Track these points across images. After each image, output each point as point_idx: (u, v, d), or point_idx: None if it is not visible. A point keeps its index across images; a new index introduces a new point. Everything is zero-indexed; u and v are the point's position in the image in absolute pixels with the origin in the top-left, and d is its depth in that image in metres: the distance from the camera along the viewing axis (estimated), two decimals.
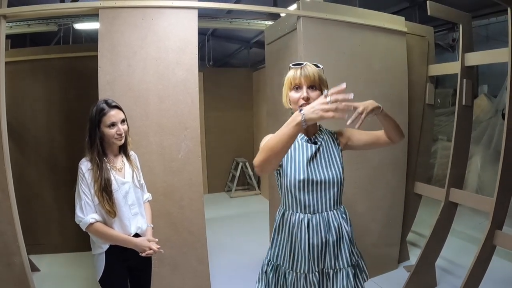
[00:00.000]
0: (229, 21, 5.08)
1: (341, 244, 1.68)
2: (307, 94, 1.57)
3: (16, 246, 2.42)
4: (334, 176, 1.64)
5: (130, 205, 2.02)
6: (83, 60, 3.94)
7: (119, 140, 1.97)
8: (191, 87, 2.75)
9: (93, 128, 1.91)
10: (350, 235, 1.71)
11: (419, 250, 3.68)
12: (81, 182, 1.89)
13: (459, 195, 3.08)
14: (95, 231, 1.90)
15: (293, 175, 1.65)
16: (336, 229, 1.66)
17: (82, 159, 1.94)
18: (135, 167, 2.12)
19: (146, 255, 1.99)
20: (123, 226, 1.97)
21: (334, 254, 1.66)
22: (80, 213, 1.88)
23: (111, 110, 1.92)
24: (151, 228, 2.18)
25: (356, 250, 1.76)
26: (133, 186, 2.06)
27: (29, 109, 4.04)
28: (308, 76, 1.57)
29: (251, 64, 8.41)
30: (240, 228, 5.23)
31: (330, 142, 1.72)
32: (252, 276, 3.65)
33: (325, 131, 1.77)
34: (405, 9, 5.44)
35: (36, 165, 4.12)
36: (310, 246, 1.66)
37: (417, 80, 3.64)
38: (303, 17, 2.94)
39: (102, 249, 1.96)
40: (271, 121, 3.83)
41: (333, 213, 1.67)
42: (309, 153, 1.66)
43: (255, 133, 7.36)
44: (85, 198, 1.88)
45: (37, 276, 3.50)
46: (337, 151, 1.71)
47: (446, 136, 5.74)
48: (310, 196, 1.65)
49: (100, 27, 2.60)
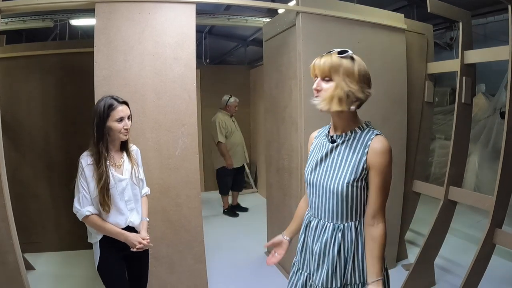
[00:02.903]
0: (227, 18, 5.06)
1: (324, 261, 1.51)
2: (317, 85, 1.44)
3: (10, 244, 2.37)
4: (335, 185, 1.46)
5: (126, 201, 2.09)
6: (79, 56, 3.88)
7: (124, 135, 2.04)
8: (188, 83, 2.71)
9: (102, 122, 1.96)
10: (340, 258, 1.49)
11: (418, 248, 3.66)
12: (80, 176, 1.97)
13: (459, 193, 3.07)
14: (90, 222, 2.01)
15: (305, 172, 1.61)
16: (323, 243, 1.52)
17: (83, 153, 2.01)
18: (135, 164, 2.17)
19: (137, 250, 2.06)
20: (117, 220, 2.05)
21: (315, 266, 1.55)
22: (77, 204, 1.97)
23: (120, 105, 2.00)
24: (146, 222, 2.24)
25: (357, 281, 1.50)
26: (131, 183, 2.11)
27: (24, 105, 3.97)
28: (319, 66, 1.43)
29: (248, 62, 8.38)
30: (237, 226, 5.21)
31: (356, 145, 1.46)
32: (249, 274, 3.68)
33: (363, 132, 1.48)
34: (403, 7, 5.43)
35: (31, 162, 4.06)
36: (304, 244, 1.65)
37: (416, 78, 3.62)
38: (302, 13, 2.91)
39: (97, 238, 2.06)
40: (269, 118, 3.81)
41: (331, 225, 1.51)
42: (323, 152, 1.55)
43: (252, 131, 7.34)
44: (83, 191, 1.96)
45: (32, 275, 3.45)
46: (356, 160, 1.44)
47: (443, 135, 5.74)
48: (313, 198, 1.58)
49: (97, 22, 2.55)
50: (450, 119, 5.59)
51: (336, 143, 1.50)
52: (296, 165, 3.14)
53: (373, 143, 1.42)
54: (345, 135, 1.49)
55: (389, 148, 1.42)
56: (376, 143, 1.42)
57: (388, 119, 3.30)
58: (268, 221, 4.09)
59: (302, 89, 2.88)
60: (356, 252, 1.49)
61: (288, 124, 3.31)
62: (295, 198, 3.17)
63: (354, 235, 1.49)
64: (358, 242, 1.49)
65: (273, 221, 3.93)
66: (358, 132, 1.48)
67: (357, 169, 1.43)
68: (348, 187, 1.43)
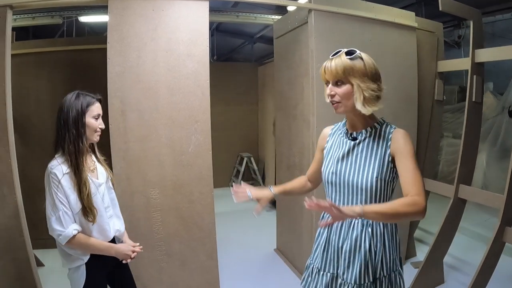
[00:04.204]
0: (236, 15, 5.05)
1: (356, 258, 1.50)
2: (331, 90, 1.44)
3: (21, 241, 2.39)
4: (364, 181, 1.45)
5: (105, 207, 1.85)
6: (89, 53, 3.90)
7: (98, 135, 1.82)
8: (202, 80, 2.71)
9: (80, 118, 1.71)
10: (371, 253, 1.49)
11: (426, 246, 3.68)
12: (56, 191, 1.65)
13: (469, 191, 3.06)
14: (77, 243, 1.68)
15: (324, 170, 1.60)
16: (353, 240, 1.51)
17: (52, 162, 1.70)
18: (105, 166, 1.96)
19: (130, 260, 1.89)
20: (102, 231, 1.80)
21: (346, 264, 1.53)
22: (57, 226, 1.65)
23: (96, 102, 1.79)
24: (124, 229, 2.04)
25: (384, 273, 1.51)
26: (107, 187, 1.91)
27: (33, 102, 3.99)
28: (330, 71, 1.42)
29: (255, 59, 8.37)
30: (246, 223, 5.20)
31: (379, 141, 1.47)
32: (259, 270, 3.68)
33: (382, 127, 1.50)
34: (411, 5, 5.41)
35: (40, 159, 4.03)
36: (328, 244, 1.62)
37: (426, 76, 3.62)
38: (314, 10, 2.90)
39: (83, 260, 1.75)
40: (280, 115, 3.81)
41: (360, 222, 1.50)
42: (344, 149, 1.54)
43: (260, 128, 7.35)
44: (62, 208, 1.65)
45: (41, 271, 3.45)
46: (381, 154, 1.45)
47: (451, 133, 5.73)
48: (336, 196, 1.57)
49: (110, 18, 2.56)
50: (458, 117, 5.60)
51: (358, 140, 1.51)
52: (307, 163, 3.14)
53: (394, 135, 1.45)
54: (365, 132, 1.50)
55: (409, 136, 1.45)
56: (397, 133, 1.46)
57: (399, 117, 3.29)
58: (278, 218, 4.11)
59: (314, 87, 2.88)
60: (383, 245, 1.50)
61: (300, 121, 3.31)
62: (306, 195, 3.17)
63: (382, 229, 1.51)
64: (384, 236, 1.51)
65: (283, 218, 3.94)
66: (378, 127, 1.50)
67: (383, 163, 1.45)
68: (377, 182, 1.44)
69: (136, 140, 2.60)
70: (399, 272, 1.55)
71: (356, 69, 1.41)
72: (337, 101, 1.45)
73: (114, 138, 2.56)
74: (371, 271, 1.49)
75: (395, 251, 1.54)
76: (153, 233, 2.69)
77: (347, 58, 1.41)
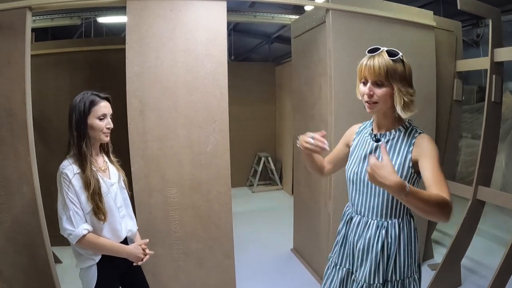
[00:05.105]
0: (253, 14, 5.05)
1: (367, 257, 1.52)
2: (370, 90, 1.40)
3: (40, 237, 2.43)
4: None
5: (118, 207, 1.87)
6: (107, 53, 3.95)
7: (106, 136, 1.82)
8: (220, 79, 2.72)
9: (83, 120, 1.73)
10: (383, 255, 1.49)
11: (443, 248, 3.63)
12: (67, 190, 1.67)
13: (488, 193, 3.01)
14: (87, 243, 1.70)
15: (347, 168, 1.62)
16: (366, 239, 1.52)
17: (63, 163, 1.73)
18: (117, 166, 1.99)
19: (141, 263, 1.89)
20: (114, 231, 1.82)
21: (359, 262, 1.56)
22: (68, 225, 1.67)
23: (102, 101, 1.79)
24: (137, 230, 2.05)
25: (397, 277, 1.49)
26: (120, 187, 1.93)
27: (52, 101, 4.05)
28: (373, 70, 1.37)
29: (272, 59, 8.35)
30: (263, 222, 5.21)
31: (401, 145, 1.46)
32: (276, 270, 3.68)
33: (407, 130, 1.49)
34: (429, 4, 5.34)
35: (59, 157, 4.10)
36: (345, 240, 1.65)
37: (445, 75, 3.57)
38: (332, 10, 2.89)
39: (94, 260, 1.76)
40: (297, 116, 3.81)
41: (375, 223, 1.51)
42: (366, 150, 1.54)
43: (277, 128, 7.36)
44: (73, 207, 1.67)
45: (59, 268, 3.50)
46: (402, 158, 1.44)
47: (470, 134, 5.63)
48: (357, 196, 1.58)
49: (128, 19, 2.58)
50: (477, 118, 5.49)
51: (380, 142, 1.50)
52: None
53: (418, 140, 1.44)
54: (389, 134, 1.50)
55: (433, 140, 1.44)
56: (421, 138, 1.44)
57: (418, 117, 3.21)
58: (295, 217, 4.10)
59: (332, 86, 2.86)
60: (398, 249, 1.49)
61: (318, 121, 3.30)
62: (324, 195, 3.17)
63: (397, 232, 1.50)
64: (400, 240, 1.50)
65: (301, 218, 3.94)
66: (402, 130, 1.50)
67: (403, 167, 1.44)
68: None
69: (155, 139, 2.62)
70: (414, 278, 1.53)
71: (398, 72, 1.39)
72: (374, 101, 1.42)
73: (133, 137, 2.59)
74: (382, 272, 1.49)
75: (411, 256, 1.52)
76: (171, 232, 2.71)
77: (390, 59, 1.38)
